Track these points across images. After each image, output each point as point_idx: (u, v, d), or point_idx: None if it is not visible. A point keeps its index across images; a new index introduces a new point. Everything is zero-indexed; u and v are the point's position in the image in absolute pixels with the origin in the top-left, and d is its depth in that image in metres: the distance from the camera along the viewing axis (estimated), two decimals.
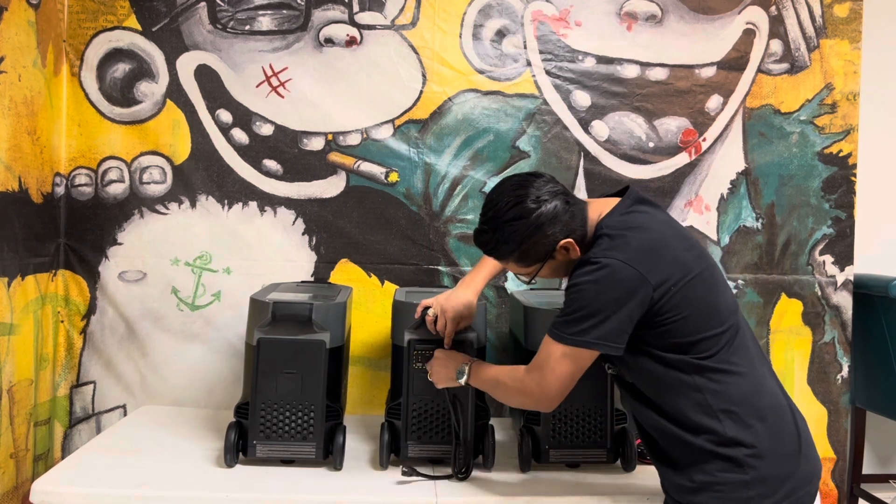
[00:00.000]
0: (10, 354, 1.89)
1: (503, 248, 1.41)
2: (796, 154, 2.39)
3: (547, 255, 1.40)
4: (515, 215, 1.37)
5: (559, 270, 1.45)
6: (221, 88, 2.23)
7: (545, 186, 1.40)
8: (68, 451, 2.19)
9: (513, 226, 1.37)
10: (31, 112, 2.00)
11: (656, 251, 1.32)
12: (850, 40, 2.40)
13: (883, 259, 2.57)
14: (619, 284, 1.28)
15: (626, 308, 1.29)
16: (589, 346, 1.31)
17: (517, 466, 1.77)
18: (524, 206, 1.37)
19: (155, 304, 2.22)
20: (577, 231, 1.39)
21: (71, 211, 2.21)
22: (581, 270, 1.32)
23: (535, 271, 1.44)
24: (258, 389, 1.70)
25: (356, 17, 2.25)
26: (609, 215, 1.40)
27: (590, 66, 2.31)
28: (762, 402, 1.33)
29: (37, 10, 2.02)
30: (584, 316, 1.30)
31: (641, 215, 1.40)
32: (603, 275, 1.29)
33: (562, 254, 1.40)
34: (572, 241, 1.38)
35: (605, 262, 1.29)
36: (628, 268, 1.28)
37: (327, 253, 2.26)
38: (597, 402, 1.76)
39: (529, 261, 1.42)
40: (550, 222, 1.37)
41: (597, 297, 1.29)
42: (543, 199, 1.37)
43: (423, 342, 1.75)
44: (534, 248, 1.39)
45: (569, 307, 1.33)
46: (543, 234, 1.37)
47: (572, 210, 1.39)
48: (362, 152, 2.26)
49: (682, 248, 1.36)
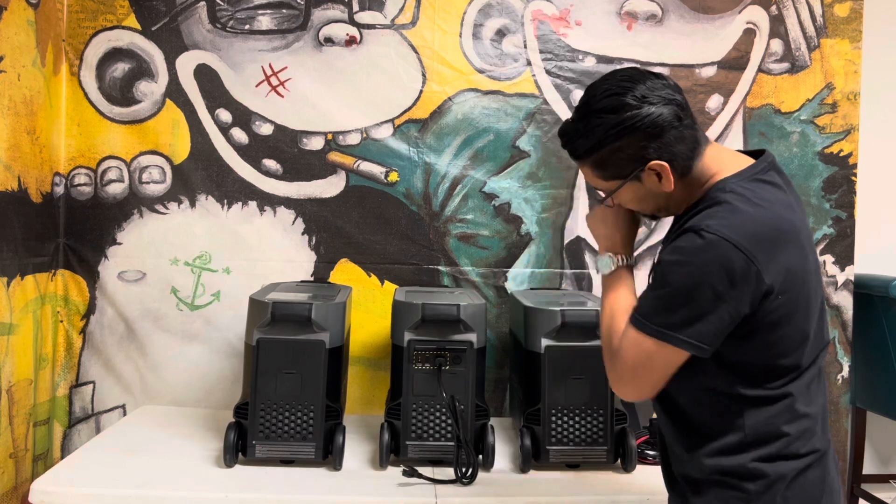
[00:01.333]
0: (10, 354, 1.89)
1: (579, 143, 1.18)
2: (797, 154, 2.39)
3: (631, 172, 1.16)
4: (607, 106, 1.13)
5: (643, 201, 1.22)
6: (221, 88, 2.23)
7: (659, 89, 1.14)
8: (68, 450, 2.19)
9: (600, 118, 1.14)
10: (30, 112, 2.00)
11: (778, 243, 1.09)
12: (850, 40, 2.39)
13: (883, 259, 2.57)
14: (729, 273, 1.04)
15: (732, 304, 1.06)
16: (678, 343, 1.08)
17: (517, 466, 1.77)
18: (622, 98, 1.13)
19: (154, 304, 2.22)
20: (678, 159, 1.14)
21: (70, 211, 2.21)
22: (683, 241, 1.08)
23: (612, 188, 1.20)
24: (258, 389, 1.70)
25: (356, 17, 2.25)
26: (736, 176, 1.14)
27: (590, 66, 2.31)
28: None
29: (36, 10, 2.02)
30: (678, 304, 1.07)
31: (775, 190, 1.15)
32: (712, 257, 1.05)
33: (651, 179, 1.16)
34: (667, 168, 1.13)
35: (717, 239, 1.05)
36: (743, 256, 1.05)
37: (327, 253, 2.26)
38: (597, 402, 1.76)
39: (608, 171, 1.18)
40: (646, 131, 1.12)
41: (699, 282, 1.06)
42: (648, 100, 1.12)
43: (422, 342, 1.75)
44: (616, 157, 1.15)
45: (660, 287, 1.10)
46: (633, 142, 1.13)
47: (682, 130, 1.14)
48: (362, 152, 2.26)
49: (803, 250, 1.13)
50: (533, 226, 2.31)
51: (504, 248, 2.30)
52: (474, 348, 1.77)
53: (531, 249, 2.31)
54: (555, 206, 2.31)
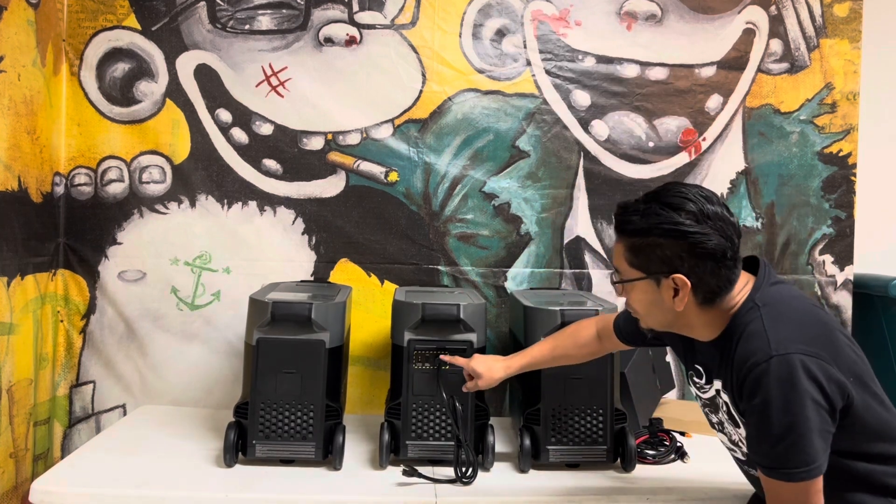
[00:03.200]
0: (10, 354, 1.89)
1: (634, 220, 1.21)
2: (796, 154, 2.39)
3: (656, 272, 1.21)
4: (673, 203, 1.18)
5: (650, 307, 1.26)
6: (221, 88, 2.23)
7: (724, 222, 1.18)
8: (68, 450, 2.19)
9: (662, 210, 1.18)
10: (30, 111, 2.00)
11: (830, 336, 1.18)
12: (849, 40, 2.40)
13: (883, 259, 2.56)
14: (817, 384, 1.10)
15: (832, 409, 1.12)
16: (820, 470, 1.12)
17: (517, 466, 1.77)
18: (689, 205, 1.18)
19: (154, 303, 2.22)
20: (704, 288, 1.19)
21: (70, 210, 2.21)
22: (759, 379, 1.12)
23: (629, 279, 1.25)
24: (258, 389, 1.70)
25: (356, 17, 2.25)
26: (762, 289, 1.22)
27: (590, 66, 2.31)
28: None
29: (36, 10, 2.02)
30: (801, 436, 1.10)
31: (788, 286, 1.25)
32: (794, 374, 1.10)
33: (667, 290, 1.21)
34: (688, 287, 1.19)
35: (787, 356, 1.11)
36: (820, 362, 1.11)
37: (327, 252, 2.26)
38: (597, 402, 1.76)
39: (637, 260, 1.23)
40: (690, 245, 1.17)
41: (803, 406, 1.09)
42: (709, 223, 1.17)
43: (422, 342, 1.75)
44: (652, 251, 1.20)
45: (770, 430, 1.11)
46: (674, 247, 1.18)
47: (721, 267, 1.18)
48: (362, 152, 2.26)
49: (839, 329, 1.22)
50: (533, 226, 2.31)
51: (504, 247, 2.30)
52: (474, 348, 1.77)
53: (531, 249, 2.31)
54: (554, 205, 2.31)
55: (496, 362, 1.66)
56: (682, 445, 1.90)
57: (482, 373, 1.65)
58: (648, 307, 1.26)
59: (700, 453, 1.88)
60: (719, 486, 1.62)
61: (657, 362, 2.18)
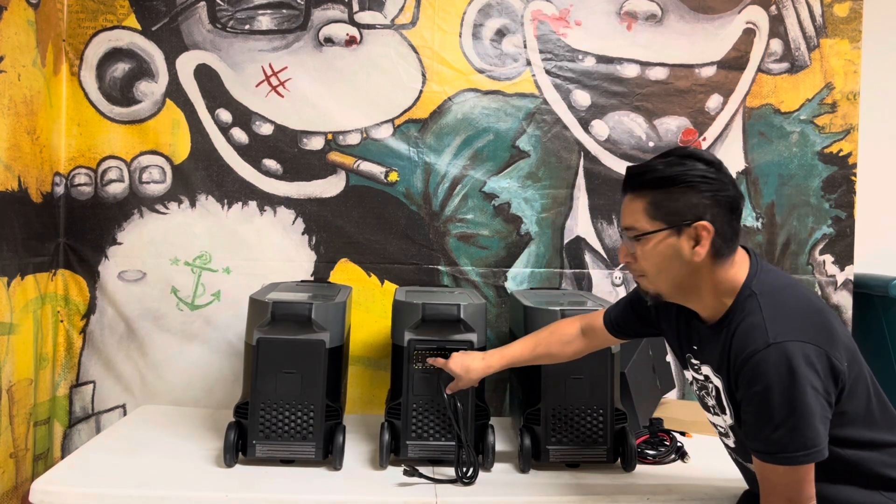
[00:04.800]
0: (10, 354, 1.89)
1: (659, 169, 1.24)
2: (796, 153, 2.39)
3: (679, 223, 1.22)
4: (700, 155, 1.22)
5: (666, 262, 1.26)
6: (221, 88, 2.23)
7: (738, 183, 1.24)
8: (68, 450, 2.19)
9: (688, 161, 1.22)
10: (30, 111, 2.00)
11: (826, 324, 1.19)
12: (850, 40, 2.40)
13: (883, 259, 2.56)
14: (815, 370, 1.12)
15: (829, 396, 1.15)
16: (821, 453, 1.14)
17: (517, 466, 1.77)
18: (707, 157, 1.22)
19: (154, 303, 2.22)
20: (721, 236, 1.22)
21: (70, 210, 2.21)
22: (758, 365, 1.14)
23: (649, 230, 1.25)
24: (258, 389, 1.70)
25: (356, 17, 2.25)
26: (758, 275, 1.24)
27: (590, 66, 2.31)
28: None
29: (36, 10, 2.02)
30: (799, 421, 1.12)
31: (782, 274, 1.28)
32: (793, 361, 1.12)
33: (688, 240, 1.22)
34: (711, 234, 1.20)
35: (786, 343, 1.13)
36: (814, 348, 1.14)
37: (327, 252, 2.26)
38: (597, 402, 1.76)
39: (659, 212, 1.23)
40: (715, 194, 1.20)
41: (802, 392, 1.11)
42: (731, 180, 1.23)
43: (423, 342, 1.75)
44: (676, 200, 1.22)
45: (770, 415, 1.14)
46: (698, 196, 1.20)
47: (734, 220, 1.23)
48: (362, 152, 2.26)
49: (834, 317, 1.24)
50: (533, 225, 2.31)
51: (504, 247, 2.30)
52: (474, 348, 1.77)
53: (531, 249, 2.31)
54: (554, 205, 2.31)
55: (475, 361, 1.66)
56: (683, 445, 1.90)
57: (459, 373, 1.65)
58: (665, 262, 1.26)
59: (700, 453, 1.88)
60: (719, 486, 1.62)
61: (657, 362, 2.18)
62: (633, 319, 1.52)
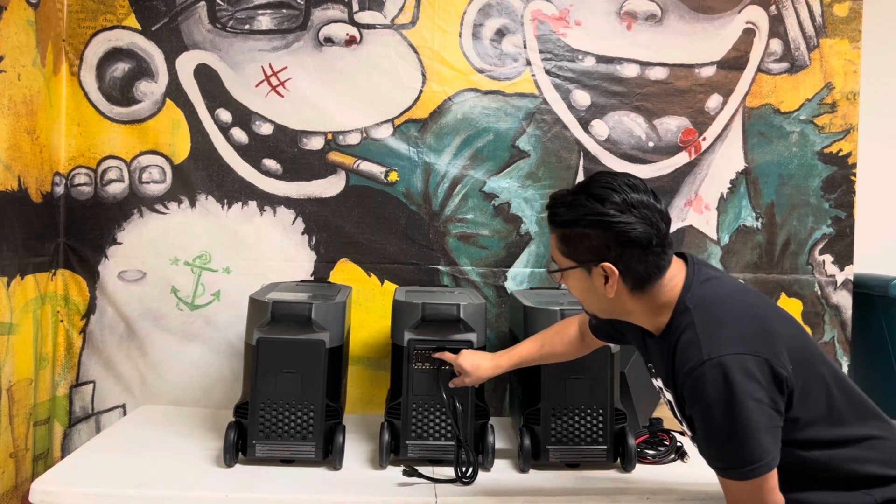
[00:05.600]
0: (10, 354, 1.89)
1: (561, 211, 1.24)
2: (796, 153, 2.39)
3: (584, 261, 1.24)
4: (598, 194, 1.20)
5: (586, 294, 1.29)
6: (221, 88, 2.23)
7: (649, 209, 1.20)
8: (68, 450, 2.19)
9: (587, 202, 1.21)
10: (30, 111, 2.00)
11: (766, 330, 1.18)
12: (849, 40, 2.40)
13: (883, 259, 2.56)
14: (756, 381, 1.11)
15: (776, 404, 1.14)
16: (771, 467, 1.13)
17: (517, 466, 1.77)
18: (613, 196, 1.19)
19: (154, 303, 2.22)
20: (632, 274, 1.21)
21: (70, 210, 2.21)
22: (696, 384, 1.13)
23: (563, 268, 1.28)
24: (258, 389, 1.70)
25: (356, 17, 2.25)
26: (693, 288, 1.23)
27: (589, 66, 2.31)
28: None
29: (36, 10, 2.02)
30: (745, 436, 1.11)
31: (718, 281, 1.26)
32: (730, 377, 1.11)
33: (598, 278, 1.23)
34: (615, 275, 1.21)
35: (722, 358, 1.12)
36: (753, 358, 1.12)
37: (327, 252, 2.26)
38: (597, 402, 1.76)
39: (568, 249, 1.26)
40: (615, 234, 1.19)
41: (743, 406, 1.10)
42: (633, 212, 1.19)
43: (422, 342, 1.75)
44: (580, 241, 1.23)
45: (714, 434, 1.14)
46: (599, 237, 1.20)
47: (648, 254, 1.20)
48: (362, 152, 2.26)
49: (779, 321, 1.23)
50: (532, 225, 2.31)
51: (504, 247, 2.30)
52: (474, 348, 1.77)
53: (531, 249, 2.31)
54: None
55: (484, 360, 1.67)
56: (682, 445, 1.90)
57: (469, 370, 1.66)
58: (584, 294, 1.30)
59: None
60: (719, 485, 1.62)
61: None
62: (609, 327, 1.52)
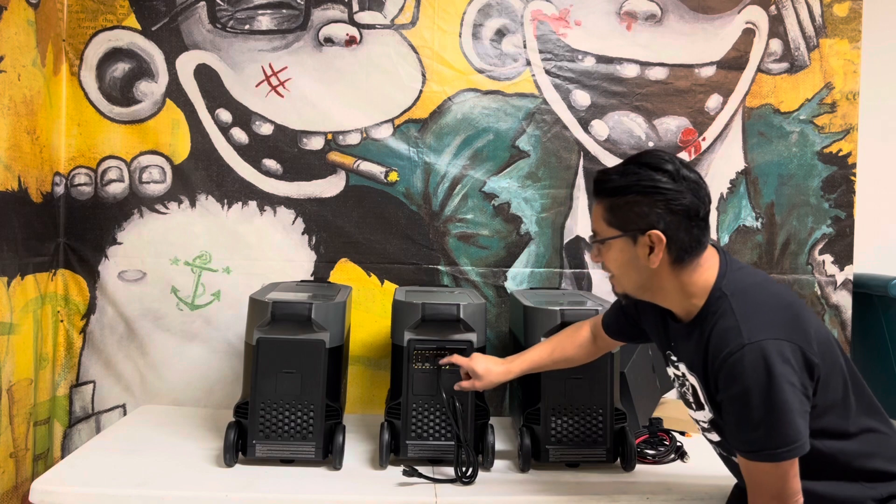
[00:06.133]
0: (10, 354, 1.89)
1: (613, 179, 1.26)
2: (796, 153, 2.39)
3: (632, 229, 1.25)
4: (651, 162, 1.24)
5: (626, 266, 1.29)
6: (221, 88, 2.23)
7: (697, 184, 1.23)
8: (68, 450, 2.19)
9: (640, 169, 1.24)
10: (30, 111, 2.00)
11: (798, 319, 1.20)
12: (849, 40, 2.40)
13: (883, 259, 2.57)
14: (788, 363, 1.14)
15: (806, 390, 1.16)
16: (801, 449, 1.15)
17: (517, 466, 1.77)
18: (665, 164, 1.23)
19: (154, 303, 2.22)
20: (677, 243, 1.23)
21: (70, 210, 2.21)
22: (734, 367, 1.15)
23: (607, 237, 1.28)
24: (258, 389, 1.70)
25: (356, 17, 2.25)
26: (727, 276, 1.25)
27: (589, 66, 2.31)
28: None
29: (36, 10, 2.02)
30: (780, 418, 1.13)
31: (751, 270, 1.29)
32: (769, 360, 1.13)
33: (643, 247, 1.24)
34: (663, 243, 1.22)
35: (761, 342, 1.14)
36: (788, 344, 1.15)
37: (327, 252, 2.26)
38: (597, 402, 1.76)
39: (615, 218, 1.27)
40: (666, 201, 1.21)
41: (780, 390, 1.12)
42: (685, 182, 1.22)
43: (422, 342, 1.75)
44: (629, 208, 1.24)
45: (749, 415, 1.15)
46: (650, 204, 1.22)
47: (693, 226, 1.23)
48: (362, 152, 2.26)
49: (807, 312, 1.25)
50: (532, 225, 2.31)
51: (504, 247, 2.30)
52: (474, 348, 1.77)
53: (531, 249, 2.31)
54: (554, 205, 2.31)
55: (496, 365, 1.66)
56: (682, 445, 1.90)
57: (481, 374, 1.65)
58: (624, 266, 1.30)
59: (700, 453, 1.87)
60: (719, 485, 1.62)
61: (657, 362, 2.18)
62: (623, 322, 1.54)
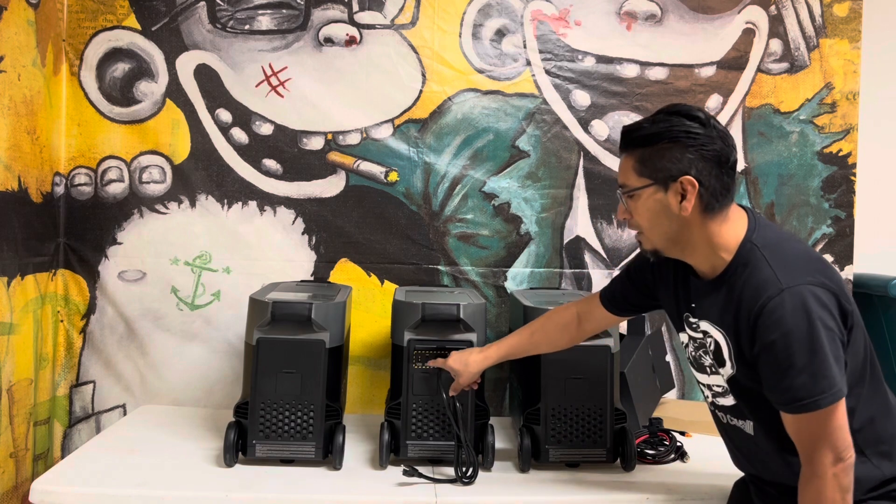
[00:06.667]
0: (10, 354, 1.89)
1: (644, 128, 1.28)
2: (796, 153, 2.39)
3: (665, 178, 1.25)
4: (682, 110, 1.26)
5: (656, 217, 1.29)
6: (221, 88, 2.23)
7: (726, 134, 1.25)
8: (68, 450, 2.19)
9: (672, 116, 1.26)
10: (30, 111, 2.00)
11: (830, 269, 1.22)
12: (849, 40, 2.40)
13: (883, 259, 2.56)
14: (828, 311, 1.15)
15: (842, 335, 1.17)
16: (842, 392, 1.15)
17: (517, 466, 1.77)
18: (697, 114, 1.24)
19: (154, 303, 2.22)
20: (709, 190, 1.23)
21: (70, 210, 2.21)
22: (773, 312, 1.15)
23: (638, 186, 1.29)
24: (258, 389, 1.70)
25: (356, 17, 2.25)
26: (756, 230, 1.26)
27: (589, 66, 2.31)
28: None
29: (36, 10, 2.02)
30: (822, 362, 1.14)
31: (781, 230, 1.33)
32: (809, 304, 1.14)
33: (674, 195, 1.25)
34: (696, 189, 1.23)
35: (800, 288, 1.15)
36: (827, 292, 1.16)
37: (327, 252, 2.26)
38: (597, 402, 1.76)
39: (646, 168, 1.27)
40: (698, 147, 1.22)
41: (819, 334, 1.13)
42: (716, 131, 1.23)
43: (422, 342, 1.75)
44: (660, 156, 1.25)
45: (796, 359, 1.14)
46: (682, 150, 1.23)
47: (724, 174, 1.24)
48: (362, 152, 2.26)
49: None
50: (532, 225, 2.31)
51: (503, 247, 2.30)
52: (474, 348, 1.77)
53: (531, 249, 2.31)
54: (554, 205, 2.31)
55: (471, 355, 1.67)
56: (682, 445, 1.90)
57: (459, 370, 1.66)
58: (654, 217, 1.29)
59: (700, 453, 1.88)
60: (719, 485, 1.62)
61: (657, 362, 2.18)
62: (630, 291, 1.54)
